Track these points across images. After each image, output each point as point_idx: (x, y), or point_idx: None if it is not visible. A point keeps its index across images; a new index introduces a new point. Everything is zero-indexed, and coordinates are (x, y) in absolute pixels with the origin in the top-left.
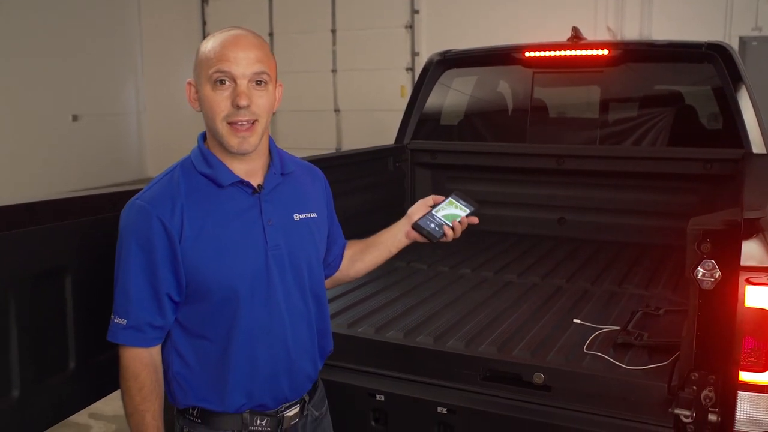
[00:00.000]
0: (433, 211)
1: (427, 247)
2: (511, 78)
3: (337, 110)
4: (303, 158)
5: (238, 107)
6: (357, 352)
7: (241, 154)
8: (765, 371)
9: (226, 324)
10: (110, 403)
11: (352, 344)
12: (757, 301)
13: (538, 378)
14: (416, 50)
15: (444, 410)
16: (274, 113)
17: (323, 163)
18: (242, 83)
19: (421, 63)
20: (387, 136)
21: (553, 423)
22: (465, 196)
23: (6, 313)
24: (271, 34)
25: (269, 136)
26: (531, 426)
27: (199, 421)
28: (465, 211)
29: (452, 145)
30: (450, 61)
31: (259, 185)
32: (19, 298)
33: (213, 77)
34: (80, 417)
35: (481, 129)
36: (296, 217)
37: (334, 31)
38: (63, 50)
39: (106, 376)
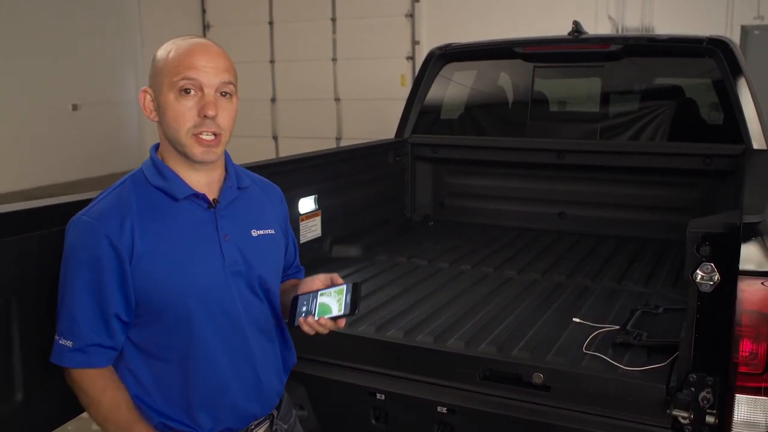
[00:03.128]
0: (319, 293)
1: (428, 242)
2: (512, 72)
3: (337, 99)
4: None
5: (205, 117)
6: (357, 351)
7: (200, 164)
8: (763, 374)
9: (183, 344)
10: None
11: (352, 343)
12: (756, 304)
13: (538, 378)
14: (417, 39)
15: (444, 410)
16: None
17: (323, 158)
18: (209, 92)
19: (421, 52)
20: (387, 125)
21: (552, 423)
22: (357, 295)
23: (9, 316)
24: (270, 23)
25: (225, 151)
26: (530, 426)
27: None
28: (340, 310)
29: (453, 140)
30: (450, 55)
31: (214, 199)
32: (22, 302)
33: (178, 85)
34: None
35: (481, 123)
36: (254, 233)
37: (334, 20)
38: (62, 39)
39: None
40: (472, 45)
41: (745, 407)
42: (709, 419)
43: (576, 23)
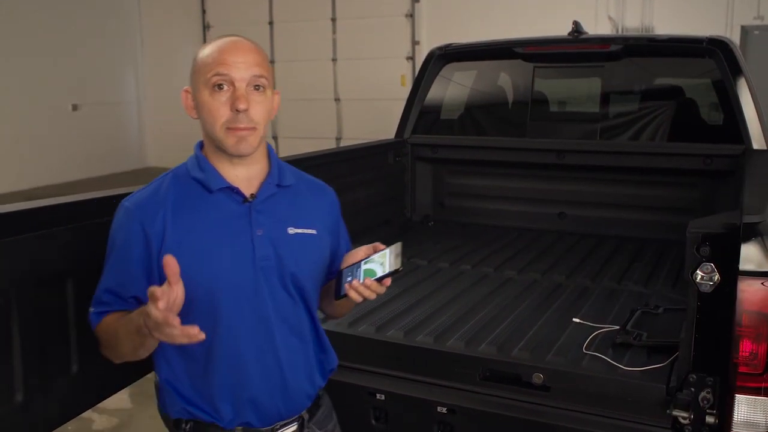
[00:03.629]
0: (362, 262)
1: (428, 241)
2: (512, 72)
3: (337, 99)
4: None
5: (237, 111)
6: (358, 351)
7: (238, 157)
8: (762, 374)
9: (209, 335)
10: (113, 398)
11: (352, 343)
12: (756, 304)
13: (538, 378)
14: (417, 39)
15: (444, 410)
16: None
17: (323, 159)
18: (241, 86)
19: (421, 52)
20: (387, 125)
21: (552, 423)
22: (399, 253)
23: (9, 317)
24: (270, 23)
25: (269, 146)
26: (530, 426)
27: None
28: (384, 270)
29: (452, 140)
30: (451, 55)
31: (252, 194)
32: (22, 303)
33: (211, 81)
34: None
35: (481, 123)
36: (291, 230)
37: (334, 20)
38: (62, 39)
39: (108, 378)
40: (472, 45)
41: (745, 407)
42: (709, 419)
43: (576, 23)
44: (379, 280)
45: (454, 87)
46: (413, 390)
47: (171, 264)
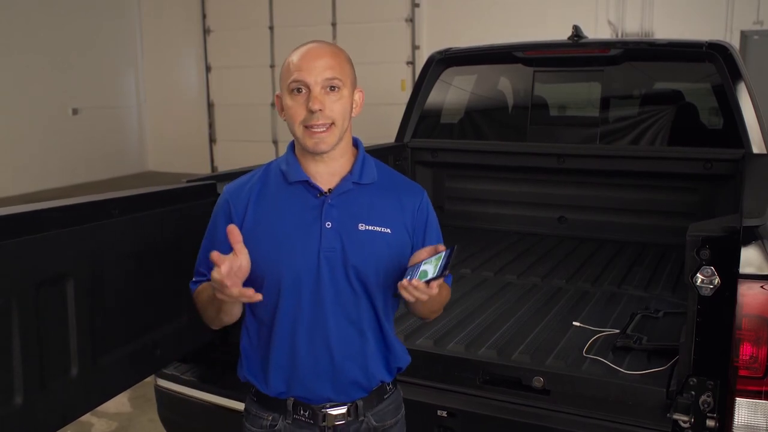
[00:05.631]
0: (423, 262)
1: None
2: (512, 76)
3: None
4: None
5: (311, 112)
6: None
7: (318, 154)
8: (763, 378)
9: (272, 309)
10: (112, 401)
11: None
12: (756, 308)
13: (538, 382)
14: (417, 44)
15: (444, 413)
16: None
17: None
18: (315, 89)
19: (421, 56)
20: (387, 130)
21: (552, 427)
22: (451, 258)
23: (9, 319)
24: (271, 28)
25: (359, 143)
26: (530, 429)
27: (255, 399)
28: (435, 273)
29: (452, 144)
30: (450, 59)
31: (329, 189)
32: (22, 305)
33: (290, 87)
34: None
35: (481, 127)
36: (361, 227)
37: (334, 25)
38: (63, 44)
39: (108, 381)
40: (472, 49)
41: (745, 411)
42: (710, 423)
43: (576, 28)
44: (429, 281)
45: (454, 91)
46: (414, 393)
47: (234, 233)
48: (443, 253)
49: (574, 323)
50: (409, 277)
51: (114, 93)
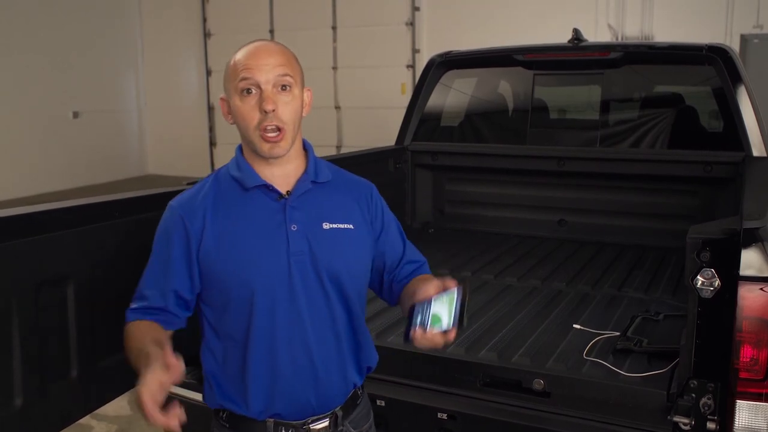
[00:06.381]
0: (433, 300)
1: (428, 248)
2: (512, 79)
3: (337, 107)
4: None
5: (265, 112)
6: None
7: (273, 158)
8: (763, 380)
9: (245, 325)
10: (112, 404)
11: None
12: (756, 310)
13: (538, 384)
14: (417, 47)
15: (444, 416)
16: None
17: None
18: (267, 88)
19: (421, 60)
20: (387, 133)
21: (552, 429)
22: (464, 302)
23: (9, 321)
24: (271, 31)
25: (308, 144)
26: None
27: (227, 425)
28: (449, 324)
29: (453, 147)
30: (451, 62)
31: (287, 191)
32: (22, 307)
33: (239, 87)
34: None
35: (481, 130)
36: (325, 226)
37: (334, 28)
38: (63, 47)
39: (108, 383)
40: (473, 53)
41: (746, 413)
42: (710, 425)
43: (576, 31)
44: (444, 332)
45: (454, 94)
46: (414, 396)
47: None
48: (454, 294)
49: (574, 326)
50: (420, 320)
51: (114, 96)
